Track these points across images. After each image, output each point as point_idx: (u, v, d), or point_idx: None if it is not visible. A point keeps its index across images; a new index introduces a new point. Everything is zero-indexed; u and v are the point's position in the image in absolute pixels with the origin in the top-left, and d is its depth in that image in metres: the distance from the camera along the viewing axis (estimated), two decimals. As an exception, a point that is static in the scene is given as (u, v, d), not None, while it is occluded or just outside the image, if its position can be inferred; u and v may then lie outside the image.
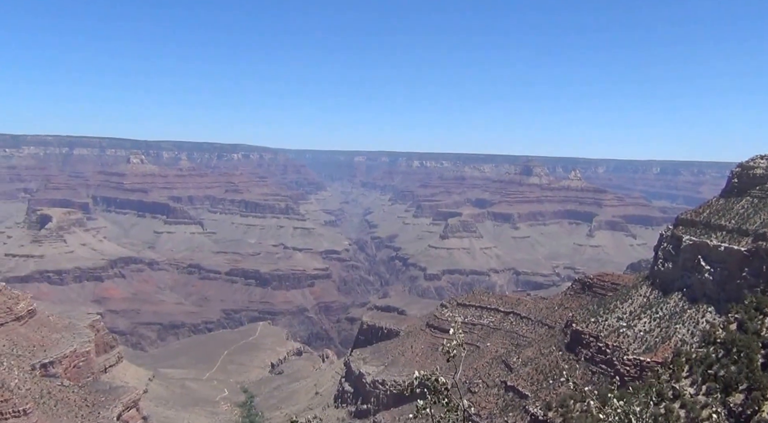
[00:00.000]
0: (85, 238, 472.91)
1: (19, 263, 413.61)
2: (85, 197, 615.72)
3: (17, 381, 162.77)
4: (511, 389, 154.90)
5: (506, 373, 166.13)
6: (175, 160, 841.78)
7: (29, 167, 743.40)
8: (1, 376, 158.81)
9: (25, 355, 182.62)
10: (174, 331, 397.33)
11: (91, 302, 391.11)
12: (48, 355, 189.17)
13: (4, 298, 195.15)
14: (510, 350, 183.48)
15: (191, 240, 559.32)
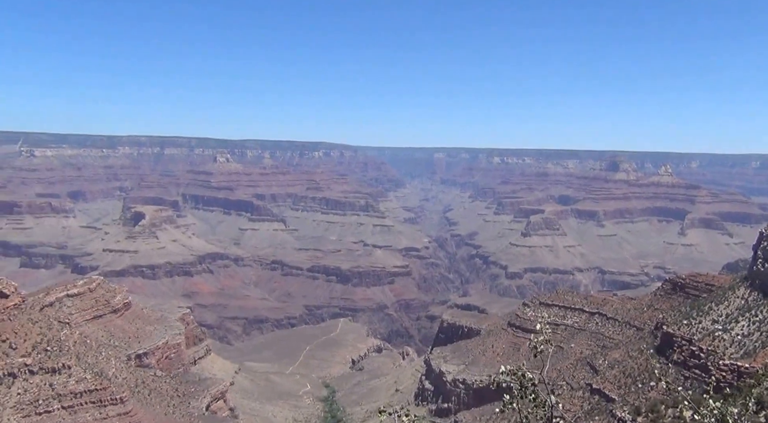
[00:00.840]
0: (175, 234, 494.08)
1: (115, 258, 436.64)
2: (176, 195, 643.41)
3: (114, 370, 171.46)
4: (596, 392, 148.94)
5: (591, 375, 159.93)
6: (258, 158, 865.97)
7: (124, 167, 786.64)
8: (100, 366, 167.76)
9: (121, 346, 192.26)
10: (258, 326, 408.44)
11: (181, 296, 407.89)
12: (142, 346, 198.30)
13: (102, 292, 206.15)
14: (595, 352, 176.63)
15: (274, 237, 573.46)
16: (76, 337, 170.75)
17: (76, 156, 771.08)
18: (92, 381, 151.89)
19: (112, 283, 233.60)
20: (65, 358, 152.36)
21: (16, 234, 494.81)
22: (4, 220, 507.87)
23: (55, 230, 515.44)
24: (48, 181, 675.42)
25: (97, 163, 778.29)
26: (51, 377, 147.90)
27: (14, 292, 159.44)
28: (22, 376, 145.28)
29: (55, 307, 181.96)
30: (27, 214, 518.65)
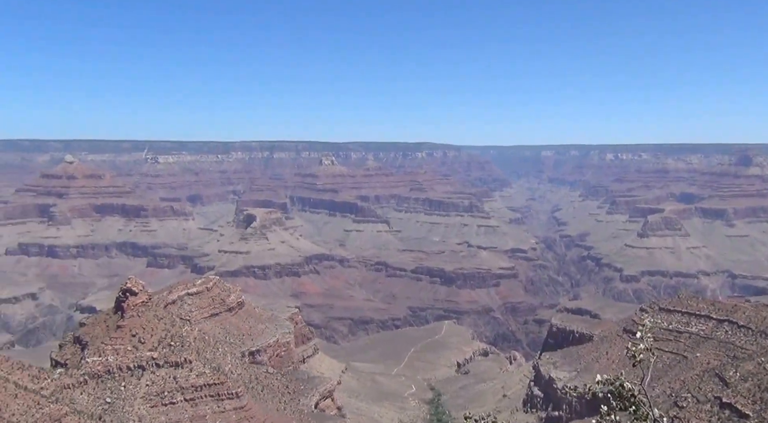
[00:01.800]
0: (284, 236, 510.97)
1: (229, 259, 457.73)
2: (284, 198, 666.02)
3: (230, 366, 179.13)
4: (727, 406, 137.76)
5: (721, 388, 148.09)
6: (362, 160, 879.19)
7: (237, 171, 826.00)
8: (218, 361, 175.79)
9: (236, 343, 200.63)
10: (363, 326, 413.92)
11: (290, 296, 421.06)
12: (255, 343, 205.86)
13: (218, 291, 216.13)
14: (725, 363, 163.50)
15: (378, 238, 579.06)
16: (195, 334, 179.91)
17: (194, 162, 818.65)
18: (211, 375, 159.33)
19: (227, 283, 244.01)
20: (187, 353, 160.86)
21: (143, 236, 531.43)
22: (133, 223, 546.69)
23: (176, 232, 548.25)
24: (170, 185, 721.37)
25: (213, 168, 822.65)
26: (174, 371, 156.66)
27: (142, 290, 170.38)
28: (150, 369, 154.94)
29: (177, 305, 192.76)
30: (152, 217, 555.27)
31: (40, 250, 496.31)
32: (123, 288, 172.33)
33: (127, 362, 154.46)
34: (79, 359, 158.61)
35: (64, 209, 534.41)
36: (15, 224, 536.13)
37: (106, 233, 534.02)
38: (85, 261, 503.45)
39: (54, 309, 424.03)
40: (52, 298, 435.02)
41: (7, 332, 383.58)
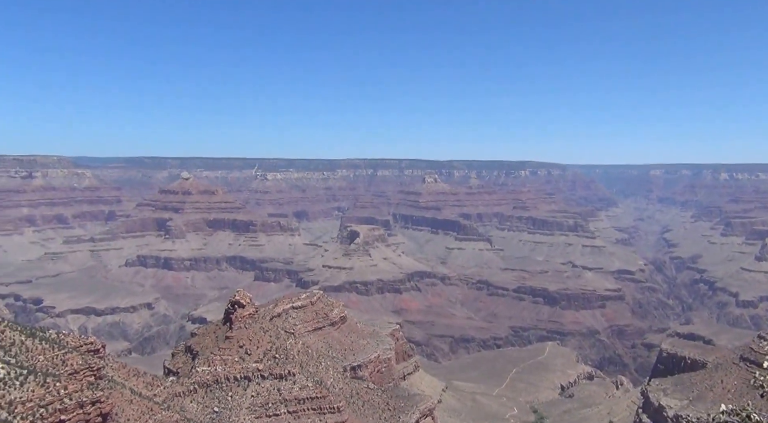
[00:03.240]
0: (386, 252, 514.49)
1: (333, 274, 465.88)
2: (387, 214, 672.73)
3: (332, 380, 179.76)
4: None
5: None
6: (465, 178, 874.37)
7: (342, 188, 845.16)
8: (320, 375, 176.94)
9: (338, 357, 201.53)
10: (464, 345, 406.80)
11: (391, 312, 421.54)
12: (356, 358, 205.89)
13: (322, 305, 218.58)
14: None
15: (480, 256, 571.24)
16: (299, 347, 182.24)
17: (301, 179, 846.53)
18: (314, 389, 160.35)
19: (331, 298, 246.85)
20: (290, 365, 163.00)
21: (251, 250, 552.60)
22: (243, 238, 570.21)
23: (283, 247, 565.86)
24: (278, 202, 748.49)
25: (319, 185, 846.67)
26: (279, 383, 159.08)
27: (249, 302, 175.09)
28: (255, 380, 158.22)
29: (282, 318, 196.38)
30: (260, 232, 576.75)
31: (157, 262, 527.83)
32: (232, 300, 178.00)
33: (234, 373, 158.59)
34: (189, 368, 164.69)
35: (179, 223, 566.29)
36: (135, 237, 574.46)
37: (217, 247, 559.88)
38: (197, 273, 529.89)
39: (168, 318, 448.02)
40: (167, 308, 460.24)
41: (124, 340, 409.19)
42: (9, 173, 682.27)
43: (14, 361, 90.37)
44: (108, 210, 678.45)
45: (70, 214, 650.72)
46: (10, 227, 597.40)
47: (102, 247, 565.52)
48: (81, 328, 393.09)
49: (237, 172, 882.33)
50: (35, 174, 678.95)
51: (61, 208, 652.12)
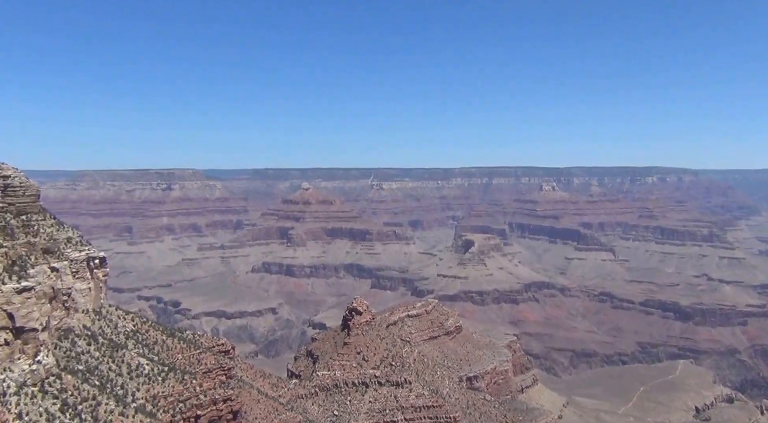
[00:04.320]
0: (502, 262, 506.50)
1: (448, 283, 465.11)
2: (502, 224, 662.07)
3: (448, 390, 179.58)
4: None
5: None
6: (585, 185, 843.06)
7: (456, 197, 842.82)
8: (436, 384, 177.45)
9: (453, 367, 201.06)
10: (586, 360, 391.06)
11: (508, 323, 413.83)
12: (472, 369, 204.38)
13: (437, 314, 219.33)
14: None
15: (602, 267, 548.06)
16: (415, 355, 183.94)
17: (416, 188, 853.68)
18: (429, 397, 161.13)
19: (446, 307, 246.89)
20: (407, 373, 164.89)
21: (368, 258, 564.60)
22: (359, 246, 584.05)
23: (398, 256, 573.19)
24: (393, 211, 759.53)
25: (433, 194, 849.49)
26: (395, 390, 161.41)
27: (366, 310, 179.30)
28: (373, 386, 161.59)
29: (398, 326, 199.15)
30: (376, 240, 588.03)
31: (280, 269, 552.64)
32: (349, 307, 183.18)
33: (352, 378, 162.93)
34: (311, 372, 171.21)
35: (300, 232, 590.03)
36: (260, 245, 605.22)
37: (336, 255, 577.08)
38: (317, 280, 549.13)
39: (290, 323, 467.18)
40: (289, 313, 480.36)
41: (251, 342, 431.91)
42: (152, 186, 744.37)
43: (157, 359, 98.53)
44: (236, 219, 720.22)
45: (203, 223, 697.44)
46: (153, 235, 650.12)
47: (231, 254, 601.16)
48: (213, 329, 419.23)
49: (354, 181, 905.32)
50: (173, 186, 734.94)
51: (196, 217, 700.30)
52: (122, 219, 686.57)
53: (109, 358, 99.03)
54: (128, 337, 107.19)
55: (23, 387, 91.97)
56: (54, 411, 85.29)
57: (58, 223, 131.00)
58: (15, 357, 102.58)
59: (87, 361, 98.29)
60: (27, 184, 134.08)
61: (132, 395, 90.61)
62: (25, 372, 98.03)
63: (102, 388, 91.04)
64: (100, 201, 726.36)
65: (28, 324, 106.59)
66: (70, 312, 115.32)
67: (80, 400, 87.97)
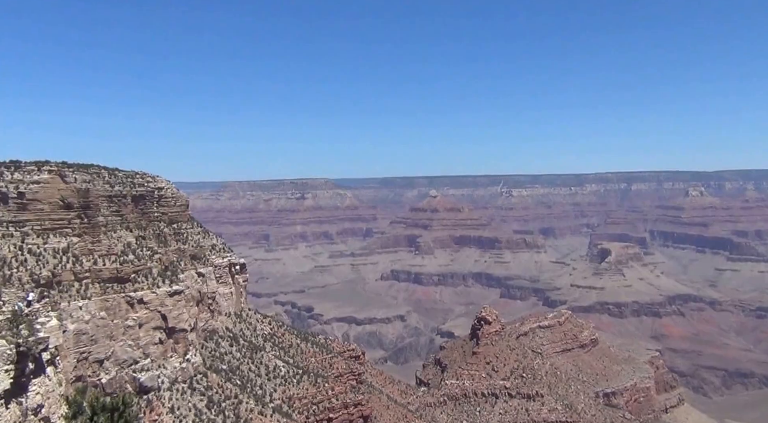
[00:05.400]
0: (642, 272, 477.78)
1: (582, 294, 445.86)
2: (642, 232, 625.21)
3: (583, 405, 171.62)
4: None
5: None
6: (739, 190, 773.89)
7: (591, 203, 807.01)
8: (570, 399, 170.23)
9: (589, 382, 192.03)
10: (742, 380, 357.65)
11: (648, 338, 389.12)
12: (610, 385, 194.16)
13: (570, 326, 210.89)
14: None
15: (760, 279, 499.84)
16: (547, 368, 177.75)
17: (546, 194, 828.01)
18: (563, 412, 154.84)
19: (579, 319, 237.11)
20: (538, 386, 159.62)
21: (497, 267, 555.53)
22: (488, 255, 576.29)
23: (528, 264, 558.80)
24: (523, 218, 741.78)
25: (566, 201, 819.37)
26: (526, 403, 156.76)
27: (495, 319, 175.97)
28: (503, 398, 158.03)
29: (529, 337, 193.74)
30: (506, 249, 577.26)
31: (408, 276, 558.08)
32: (478, 316, 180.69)
33: (481, 388, 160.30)
34: (439, 380, 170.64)
35: (428, 240, 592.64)
36: (388, 253, 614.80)
37: (464, 263, 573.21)
38: (445, 288, 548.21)
39: (419, 331, 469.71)
40: (417, 321, 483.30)
41: (381, 349, 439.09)
42: (287, 195, 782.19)
43: (292, 362, 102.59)
44: (365, 227, 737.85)
45: (334, 231, 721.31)
46: (287, 242, 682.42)
47: (360, 261, 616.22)
48: (344, 335, 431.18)
49: (482, 189, 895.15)
50: (307, 195, 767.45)
51: (327, 225, 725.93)
52: (260, 227, 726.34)
53: (249, 359, 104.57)
54: (266, 340, 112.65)
55: (175, 383, 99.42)
56: (201, 407, 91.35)
57: (204, 231, 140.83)
58: (168, 355, 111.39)
59: (229, 362, 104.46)
60: (178, 195, 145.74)
61: (270, 395, 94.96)
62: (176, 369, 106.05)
63: (243, 387, 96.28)
64: (241, 210, 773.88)
65: (179, 325, 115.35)
66: (215, 314, 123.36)
67: (224, 397, 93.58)
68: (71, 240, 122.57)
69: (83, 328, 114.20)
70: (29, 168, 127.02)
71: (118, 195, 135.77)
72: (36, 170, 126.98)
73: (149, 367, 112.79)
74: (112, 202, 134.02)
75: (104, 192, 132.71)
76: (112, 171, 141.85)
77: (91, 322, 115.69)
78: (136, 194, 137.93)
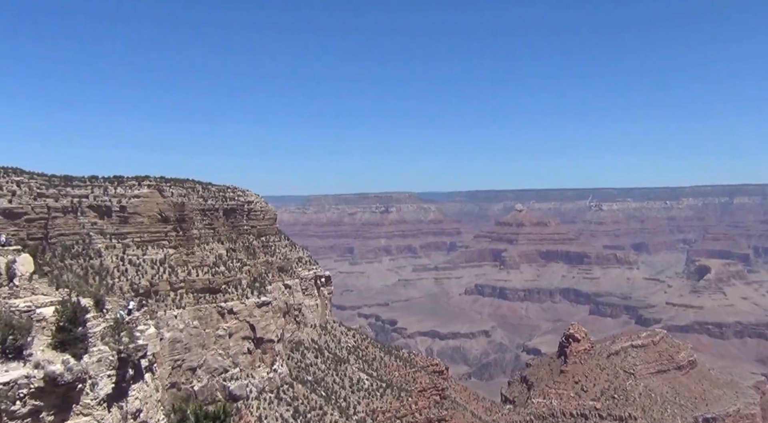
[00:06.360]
0: (745, 291, 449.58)
1: (678, 313, 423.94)
2: (746, 248, 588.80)
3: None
4: None
5: None
6: None
7: (688, 218, 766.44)
8: (665, 422, 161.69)
9: (686, 406, 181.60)
10: None
11: (753, 361, 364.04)
12: (710, 409, 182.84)
13: (666, 346, 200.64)
14: None
15: None
16: (640, 389, 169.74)
17: (639, 209, 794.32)
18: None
19: (676, 338, 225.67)
20: (631, 408, 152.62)
21: (585, 283, 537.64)
22: (576, 270, 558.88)
23: (619, 281, 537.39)
24: (614, 233, 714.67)
25: (660, 215, 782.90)
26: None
27: (584, 337, 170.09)
28: (593, 419, 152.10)
29: (621, 356, 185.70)
30: (595, 264, 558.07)
31: (493, 291, 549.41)
32: (566, 334, 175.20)
33: (570, 409, 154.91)
34: (525, 398, 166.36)
35: (513, 254, 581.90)
36: (473, 267, 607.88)
37: (551, 279, 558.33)
38: (531, 304, 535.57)
39: (504, 347, 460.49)
40: (502, 337, 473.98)
41: (464, 364, 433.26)
42: (371, 209, 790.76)
43: (375, 375, 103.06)
44: (449, 241, 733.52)
45: (418, 245, 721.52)
46: (372, 256, 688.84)
47: (444, 275, 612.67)
48: (427, 349, 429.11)
49: (570, 203, 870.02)
50: (391, 209, 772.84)
51: (411, 239, 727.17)
52: (345, 240, 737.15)
53: (334, 371, 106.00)
54: (350, 352, 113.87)
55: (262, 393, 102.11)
56: (287, 417, 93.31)
57: (290, 244, 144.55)
58: (256, 365, 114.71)
59: (315, 373, 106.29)
60: (266, 209, 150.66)
61: (353, 408, 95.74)
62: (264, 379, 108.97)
63: (327, 398, 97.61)
64: (326, 223, 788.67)
65: (267, 335, 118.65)
66: (300, 326, 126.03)
67: (309, 408, 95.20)
68: (168, 251, 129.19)
69: (178, 337, 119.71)
70: (130, 183, 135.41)
71: (211, 208, 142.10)
72: (136, 185, 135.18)
73: (238, 376, 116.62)
74: (205, 215, 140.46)
75: (198, 206, 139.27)
76: (206, 185, 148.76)
77: (185, 331, 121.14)
78: (227, 208, 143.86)
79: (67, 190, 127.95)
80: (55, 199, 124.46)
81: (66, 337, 21.62)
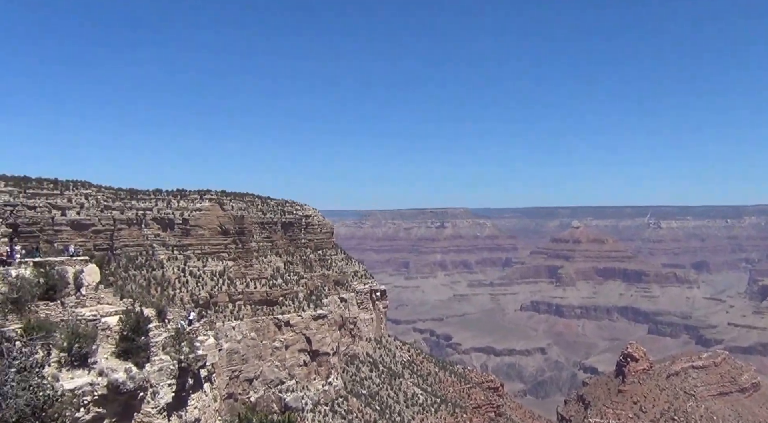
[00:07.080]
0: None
1: (741, 333, 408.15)
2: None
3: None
4: None
5: None
6: None
7: (751, 237, 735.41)
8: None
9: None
10: None
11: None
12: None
13: (728, 367, 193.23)
14: None
15: None
16: (702, 411, 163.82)
17: (699, 227, 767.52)
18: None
19: (738, 360, 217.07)
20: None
21: (644, 301, 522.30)
22: (634, 288, 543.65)
23: (679, 300, 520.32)
24: (673, 251, 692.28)
25: (721, 234, 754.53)
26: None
27: (643, 357, 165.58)
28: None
29: (681, 377, 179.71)
30: (654, 283, 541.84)
31: (549, 308, 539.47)
32: (624, 352, 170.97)
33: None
34: (582, 418, 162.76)
35: (569, 271, 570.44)
36: (528, 283, 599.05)
37: (608, 296, 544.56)
38: (587, 322, 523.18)
39: (560, 365, 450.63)
40: (558, 355, 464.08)
41: (520, 381, 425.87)
42: (426, 224, 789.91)
43: (430, 390, 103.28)
44: (505, 257, 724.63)
45: (473, 260, 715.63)
46: (427, 271, 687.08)
47: (499, 291, 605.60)
48: (482, 365, 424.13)
49: (628, 220, 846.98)
50: (446, 224, 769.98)
51: (466, 254, 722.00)
52: (400, 255, 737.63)
53: (388, 385, 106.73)
54: (405, 367, 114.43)
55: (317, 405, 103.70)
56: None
57: (347, 257, 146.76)
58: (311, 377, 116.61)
59: (369, 387, 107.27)
60: (323, 223, 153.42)
61: None
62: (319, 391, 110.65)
63: (382, 413, 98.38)
64: (382, 238, 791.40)
65: (322, 348, 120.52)
66: (356, 339, 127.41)
67: (363, 422, 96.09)
68: (227, 264, 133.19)
69: (235, 348, 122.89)
70: (193, 196, 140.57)
71: (270, 222, 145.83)
72: (198, 198, 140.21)
73: (294, 388, 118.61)
74: (263, 228, 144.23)
75: (257, 219, 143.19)
76: (265, 199, 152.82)
77: (242, 342, 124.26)
78: (285, 221, 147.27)
79: (132, 203, 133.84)
80: (121, 211, 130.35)
81: (129, 346, 22.99)
